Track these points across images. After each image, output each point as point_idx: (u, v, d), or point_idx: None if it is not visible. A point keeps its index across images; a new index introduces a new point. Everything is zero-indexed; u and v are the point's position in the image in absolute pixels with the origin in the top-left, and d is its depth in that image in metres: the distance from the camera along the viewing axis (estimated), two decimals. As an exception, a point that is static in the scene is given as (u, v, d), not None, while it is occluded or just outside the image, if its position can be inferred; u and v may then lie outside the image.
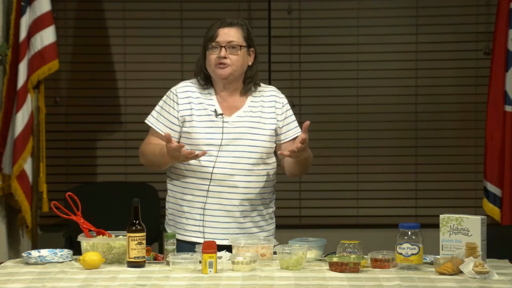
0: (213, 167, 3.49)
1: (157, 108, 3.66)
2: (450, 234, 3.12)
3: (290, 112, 3.66)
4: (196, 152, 3.38)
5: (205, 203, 3.52)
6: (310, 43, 5.64)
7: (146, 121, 3.67)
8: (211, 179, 3.50)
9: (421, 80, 5.61)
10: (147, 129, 5.62)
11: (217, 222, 3.52)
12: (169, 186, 3.65)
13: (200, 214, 3.53)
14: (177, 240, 3.53)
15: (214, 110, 3.55)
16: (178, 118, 3.57)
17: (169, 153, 3.39)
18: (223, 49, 3.52)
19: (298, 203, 5.66)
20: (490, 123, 5.07)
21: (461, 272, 2.96)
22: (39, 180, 5.12)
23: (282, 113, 3.62)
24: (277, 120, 3.60)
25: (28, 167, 5.07)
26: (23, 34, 5.00)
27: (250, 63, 3.60)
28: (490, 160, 5.06)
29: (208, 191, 3.51)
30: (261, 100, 3.61)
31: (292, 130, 3.63)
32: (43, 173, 5.13)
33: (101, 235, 3.30)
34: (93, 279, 2.93)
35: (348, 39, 5.63)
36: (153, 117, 3.65)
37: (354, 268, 3.02)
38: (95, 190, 5.44)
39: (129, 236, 3.10)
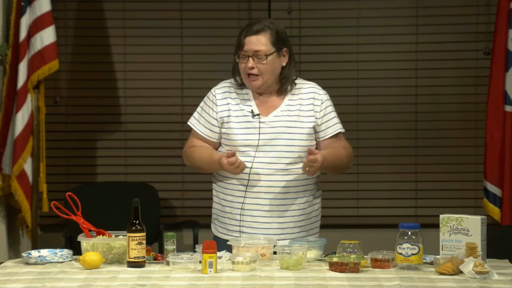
0: (251, 168, 3.50)
1: (198, 109, 3.66)
2: (450, 234, 3.12)
3: (330, 108, 3.62)
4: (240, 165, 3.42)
5: (243, 203, 3.54)
6: (310, 43, 5.64)
7: (188, 123, 3.68)
8: (248, 179, 3.51)
9: (421, 80, 5.61)
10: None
11: (256, 222, 3.54)
12: (213, 186, 3.69)
13: (239, 215, 3.55)
14: (220, 239, 3.55)
15: (251, 110, 3.55)
16: (217, 120, 3.58)
17: (224, 166, 3.42)
18: (250, 59, 3.50)
19: (298, 203, 5.65)
20: (490, 123, 5.07)
21: (461, 272, 2.96)
22: (39, 180, 5.12)
23: (321, 110, 3.58)
24: (316, 118, 3.58)
25: (28, 167, 5.07)
26: (23, 34, 4.99)
27: (284, 64, 3.57)
28: (490, 160, 5.06)
29: (245, 191, 3.52)
30: (300, 98, 3.59)
31: (331, 128, 3.60)
32: (43, 173, 5.13)
33: (101, 235, 3.30)
34: (93, 279, 2.93)
35: (348, 39, 5.63)
36: (195, 118, 3.66)
37: (354, 268, 3.02)
38: (95, 190, 5.44)
39: (129, 236, 3.10)
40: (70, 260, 3.27)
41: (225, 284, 2.85)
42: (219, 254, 3.20)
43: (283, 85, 3.58)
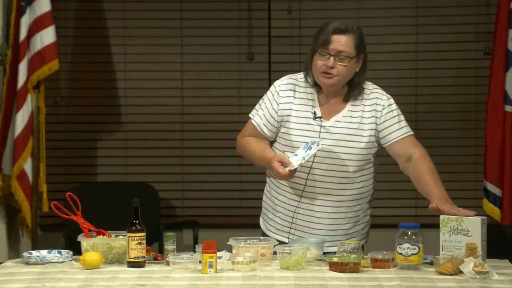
0: (308, 173, 3.44)
1: (260, 101, 3.58)
2: (450, 235, 3.12)
3: (391, 114, 3.50)
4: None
5: (296, 207, 3.49)
6: (310, 43, 5.61)
7: (250, 114, 3.60)
8: (305, 185, 3.46)
9: (421, 80, 5.61)
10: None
11: (307, 227, 3.49)
12: (267, 180, 3.61)
13: (291, 217, 3.51)
14: (265, 235, 3.53)
15: (313, 112, 3.46)
16: (276, 117, 3.50)
17: (274, 168, 3.34)
18: (332, 57, 3.40)
19: (298, 203, 5.65)
20: (490, 123, 5.06)
21: (461, 272, 2.96)
22: (39, 180, 5.11)
23: (381, 117, 3.48)
24: (376, 124, 3.48)
25: (28, 167, 5.07)
26: (23, 34, 4.99)
27: (357, 69, 3.48)
28: (490, 160, 5.06)
29: (301, 196, 3.47)
30: (362, 104, 3.49)
31: (394, 133, 3.50)
32: (43, 173, 5.12)
33: (101, 235, 3.30)
34: (93, 279, 2.93)
35: (348, 39, 5.62)
36: (255, 110, 3.57)
37: (354, 268, 3.02)
38: (95, 190, 5.44)
39: (129, 236, 3.10)
40: (70, 260, 3.27)
41: (225, 284, 2.86)
42: (219, 254, 3.20)
43: (352, 91, 3.48)
